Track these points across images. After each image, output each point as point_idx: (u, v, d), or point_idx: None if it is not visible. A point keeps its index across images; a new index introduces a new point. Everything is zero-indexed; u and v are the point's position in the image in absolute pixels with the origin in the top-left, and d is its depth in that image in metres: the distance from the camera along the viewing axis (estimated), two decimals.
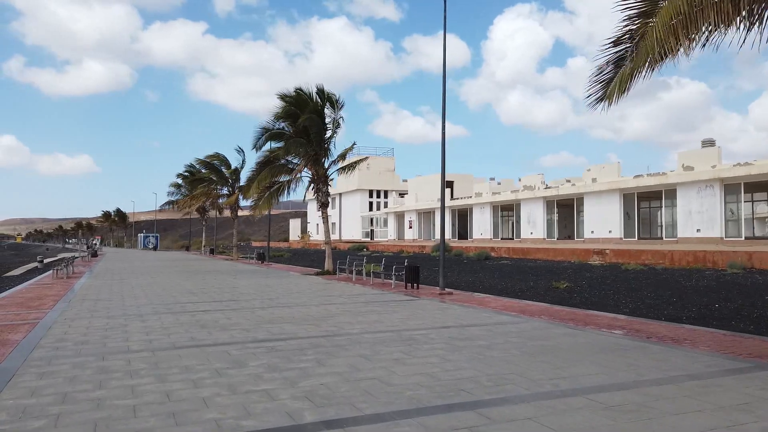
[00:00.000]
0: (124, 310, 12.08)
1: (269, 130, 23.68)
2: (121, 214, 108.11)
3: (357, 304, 12.91)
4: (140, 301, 13.81)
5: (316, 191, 24.09)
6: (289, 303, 13.32)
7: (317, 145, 23.29)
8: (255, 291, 16.29)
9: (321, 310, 11.85)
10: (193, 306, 12.83)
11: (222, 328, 9.57)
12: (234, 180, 42.05)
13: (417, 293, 15.44)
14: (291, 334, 9.02)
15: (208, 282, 19.78)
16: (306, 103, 22.73)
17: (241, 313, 11.60)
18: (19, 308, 12.59)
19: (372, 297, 14.54)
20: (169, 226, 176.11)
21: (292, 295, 15.23)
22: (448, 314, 11.17)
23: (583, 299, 13.82)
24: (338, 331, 9.20)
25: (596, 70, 7.47)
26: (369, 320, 10.40)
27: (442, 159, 15.56)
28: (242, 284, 18.70)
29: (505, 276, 20.63)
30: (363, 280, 19.97)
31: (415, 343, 8.09)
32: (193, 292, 15.97)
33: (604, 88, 7.35)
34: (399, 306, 12.57)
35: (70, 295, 15.49)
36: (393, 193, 59.45)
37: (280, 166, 24.10)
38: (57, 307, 12.69)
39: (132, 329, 9.55)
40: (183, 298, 14.58)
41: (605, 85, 7.35)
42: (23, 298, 14.68)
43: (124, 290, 16.77)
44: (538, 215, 36.76)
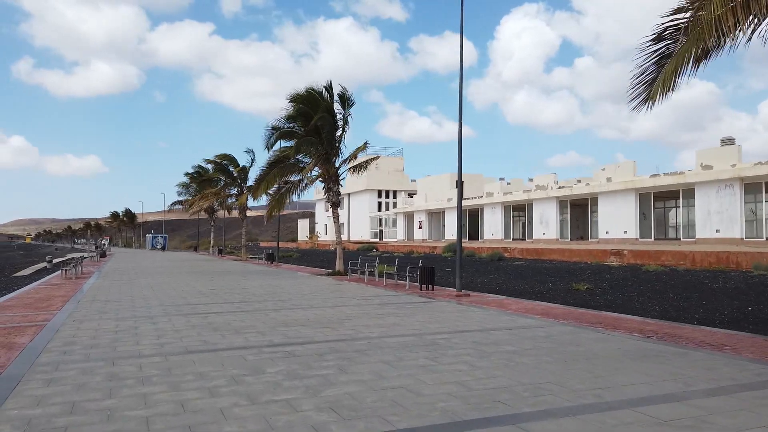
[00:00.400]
0: (134, 312, 11.76)
1: (280, 129, 23.35)
2: (130, 215, 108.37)
3: (372, 306, 12.52)
4: (150, 303, 13.49)
5: (326, 191, 23.73)
6: (303, 305, 12.95)
7: (328, 144, 22.93)
8: (266, 292, 15.94)
9: (336, 313, 11.47)
10: (205, 308, 12.49)
11: (236, 332, 9.21)
12: (243, 180, 41.79)
13: (432, 295, 15.04)
14: (308, 337, 8.64)
15: (218, 283, 19.46)
16: (317, 101, 22.37)
17: (255, 315, 11.23)
18: (27, 309, 12.29)
19: (387, 299, 14.15)
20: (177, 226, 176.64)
21: (305, 296, 14.87)
22: (469, 317, 10.75)
23: (606, 302, 13.35)
24: (357, 335, 8.81)
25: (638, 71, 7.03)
26: (387, 323, 10.00)
27: (458, 157, 15.14)
28: (253, 285, 18.36)
29: (522, 277, 20.17)
30: (375, 281, 19.57)
31: (440, 348, 7.69)
32: (204, 294, 15.64)
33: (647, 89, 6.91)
34: (416, 308, 12.16)
35: (79, 295, 15.21)
36: (402, 193, 59.02)
37: (290, 166, 23.76)
38: (65, 309, 12.38)
39: (143, 332, 9.20)
40: (193, 299, 14.25)
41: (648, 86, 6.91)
42: (31, 299, 14.40)
43: (133, 291, 16.47)
44: (551, 215, 36.22)
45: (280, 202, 23.69)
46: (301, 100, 22.46)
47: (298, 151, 22.36)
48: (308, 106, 22.46)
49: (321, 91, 22.46)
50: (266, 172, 23.74)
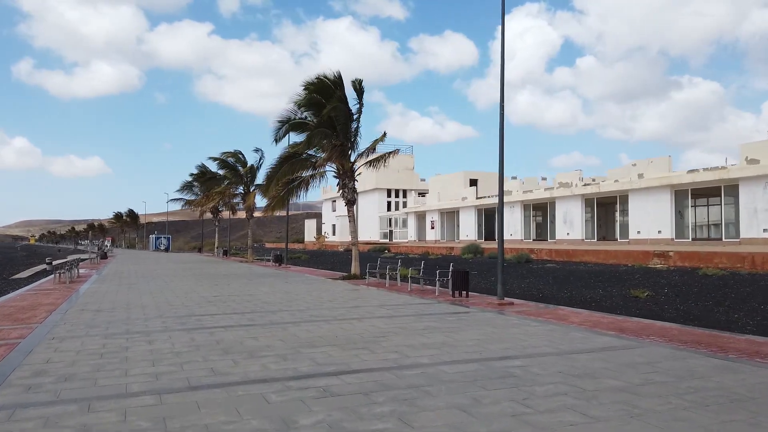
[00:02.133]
0: (128, 326, 9.95)
1: (290, 120, 21.54)
2: (133, 215, 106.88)
3: (407, 318, 10.68)
4: (148, 313, 11.69)
5: (341, 187, 21.90)
6: (325, 316, 11.12)
7: (343, 136, 21.11)
8: (280, 300, 14.12)
9: (367, 327, 9.63)
10: (211, 320, 10.67)
11: (250, 355, 7.38)
12: (250, 179, 40.02)
13: (468, 302, 13.20)
14: (342, 364, 6.81)
15: (225, 288, 17.66)
16: (329, 90, 20.56)
17: (270, 330, 9.40)
18: (3, 322, 10.50)
19: (419, 308, 12.31)
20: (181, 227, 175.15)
21: (324, 304, 13.04)
22: (530, 333, 8.89)
23: (678, 312, 11.47)
24: (403, 360, 6.98)
25: None
26: (435, 342, 8.16)
27: (500, 147, 13.27)
28: (263, 291, 16.55)
29: (562, 282, 18.26)
30: (398, 285, 17.75)
31: (521, 384, 5.84)
32: (210, 301, 13.83)
33: None
34: (459, 321, 10.31)
35: (68, 304, 13.42)
36: (412, 192, 57.13)
37: (302, 161, 21.94)
38: (48, 321, 10.59)
39: (134, 355, 7.38)
40: (198, 308, 12.44)
41: None
42: (14, 308, 12.62)
43: (131, 298, 14.68)
44: (576, 214, 34.24)
45: (285, 198, 21.83)
46: (314, 89, 20.65)
47: (310, 144, 20.52)
48: (321, 95, 20.66)
49: (333, 78, 20.63)
50: (276, 169, 21.90)
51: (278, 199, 22.13)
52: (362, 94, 20.60)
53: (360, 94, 20.57)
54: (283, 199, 21.87)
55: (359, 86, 20.44)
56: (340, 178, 21.77)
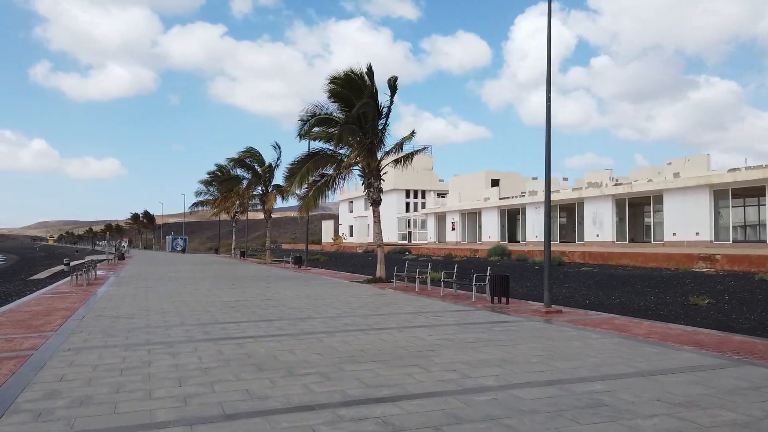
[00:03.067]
0: (149, 335, 9.15)
1: (315, 115, 20.70)
2: (149, 216, 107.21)
3: (451, 328, 9.75)
4: (169, 319, 10.90)
5: (366, 187, 21.02)
6: (359, 324, 10.24)
7: (372, 134, 20.24)
8: (307, 305, 13.27)
9: (410, 338, 8.72)
10: (237, 328, 9.84)
11: (289, 372, 6.51)
12: (268, 178, 39.34)
13: (509, 309, 12.24)
14: (396, 385, 5.91)
15: (247, 291, 16.87)
16: (358, 85, 19.69)
17: (304, 341, 8.54)
18: (16, 329, 9.77)
19: (458, 315, 11.38)
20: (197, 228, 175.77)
21: (356, 311, 12.16)
22: (595, 348, 7.91)
23: (750, 323, 10.40)
24: (465, 382, 6.06)
25: None
26: (492, 358, 7.23)
27: (546, 141, 12.29)
28: (288, 295, 15.72)
29: (605, 287, 17.16)
30: (428, 290, 16.83)
31: (619, 416, 4.88)
32: (233, 306, 13.02)
33: None
34: (508, 332, 9.36)
35: (85, 309, 12.70)
36: (431, 193, 56.04)
37: (327, 157, 21.10)
38: (64, 329, 9.84)
39: (157, 372, 6.56)
40: (222, 314, 11.63)
41: None
42: (28, 313, 11.92)
43: (150, 302, 13.94)
44: (606, 215, 32.98)
45: (315, 197, 20.97)
46: (341, 83, 19.78)
47: (340, 140, 19.66)
48: (349, 90, 19.79)
49: (361, 74, 19.76)
50: (300, 165, 21.07)
51: (309, 198, 21.28)
52: (395, 91, 19.73)
53: (393, 92, 19.69)
54: (314, 197, 21.01)
55: (393, 83, 19.54)
56: (366, 177, 20.89)
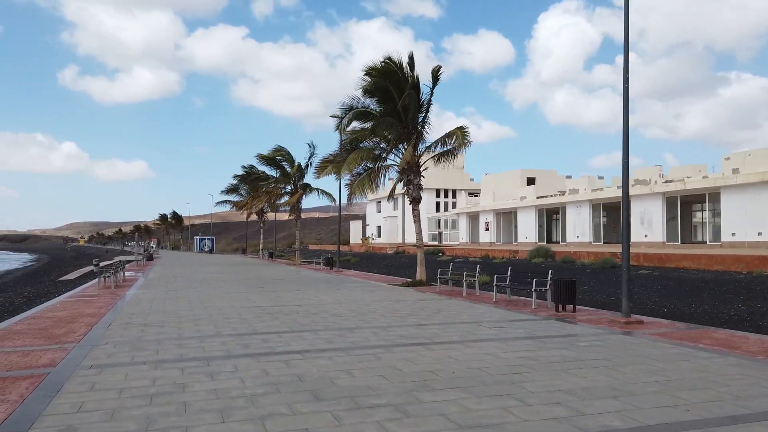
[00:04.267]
0: (182, 348, 8.04)
1: (353, 108, 19.54)
2: (177, 217, 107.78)
3: (523, 342, 8.43)
4: (203, 328, 9.80)
5: (405, 184, 19.75)
6: (416, 336, 8.97)
7: (412, 128, 18.99)
8: (351, 312, 12.06)
9: (482, 356, 7.43)
10: (279, 340, 8.67)
11: (353, 403, 5.28)
12: (298, 178, 38.37)
13: (578, 319, 10.85)
14: (495, 427, 4.62)
15: (282, 295, 15.77)
16: (397, 75, 18.45)
17: (360, 358, 7.31)
18: (36, 339, 8.78)
19: (525, 326, 10.04)
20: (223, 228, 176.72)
21: (406, 319, 10.90)
22: (718, 373, 6.50)
23: None
24: (581, 421, 4.75)
25: None
26: (598, 386, 5.89)
27: (624, 129, 10.85)
28: (326, 300, 14.55)
29: (678, 293, 15.52)
30: (476, 295, 15.49)
31: None
32: (270, 313, 11.89)
33: None
34: (594, 348, 7.99)
35: (112, 315, 11.71)
36: (462, 192, 54.51)
37: (367, 151, 19.91)
38: (88, 339, 8.81)
39: (194, 400, 5.39)
40: (259, 322, 10.50)
41: None
42: (51, 320, 10.97)
43: (180, 308, 12.91)
44: (656, 214, 31.03)
45: (363, 184, 19.84)
46: (379, 74, 18.55)
47: (374, 133, 18.44)
48: (387, 81, 18.55)
49: (401, 63, 18.50)
50: (343, 155, 19.98)
51: (355, 187, 20.19)
52: (437, 82, 18.47)
53: (435, 82, 18.43)
54: (360, 187, 19.89)
55: (437, 73, 18.27)
56: (405, 173, 19.63)
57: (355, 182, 20.49)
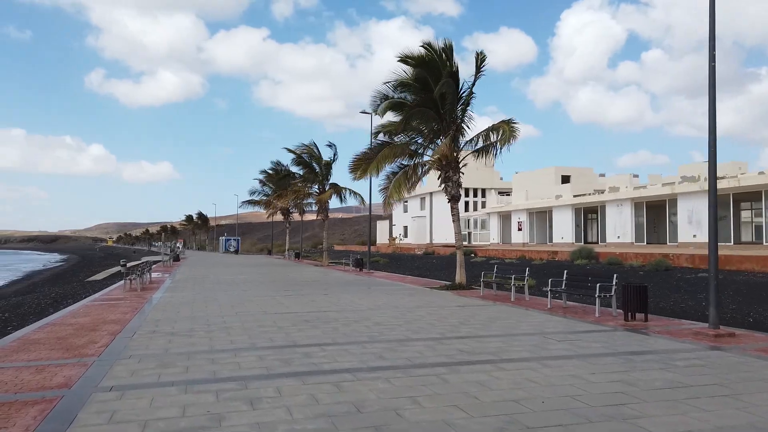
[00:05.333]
0: (214, 365, 7.03)
1: (387, 99, 18.44)
2: (203, 218, 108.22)
3: (607, 360, 7.21)
4: (236, 339, 8.80)
5: (444, 181, 18.59)
6: (479, 351, 7.82)
7: (450, 120, 17.82)
8: (395, 320, 10.95)
9: (567, 378, 6.25)
10: (323, 354, 7.59)
11: None
12: (325, 176, 37.47)
13: (654, 330, 9.56)
14: None
15: (316, 299, 14.74)
16: (435, 63, 17.30)
17: (422, 380, 6.19)
18: (53, 351, 7.87)
19: (598, 339, 8.81)
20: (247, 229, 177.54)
21: (459, 329, 9.75)
22: None
23: None
24: None
25: None
26: (733, 423, 4.69)
27: (710, 116, 9.52)
28: (365, 306, 13.48)
29: (754, 300, 14.04)
30: (526, 300, 14.25)
31: None
32: (308, 320, 10.85)
33: None
34: (700, 370, 6.73)
35: (137, 321, 10.81)
36: (492, 191, 53.00)
37: (401, 146, 18.78)
38: (110, 351, 7.87)
39: None
40: (298, 332, 9.46)
41: None
42: (72, 327, 10.11)
43: (210, 314, 11.96)
44: (705, 213, 29.18)
45: (396, 189, 18.66)
46: (416, 62, 17.43)
47: (407, 126, 17.27)
48: (425, 70, 17.41)
49: (439, 50, 17.34)
50: (375, 152, 18.82)
51: (391, 190, 19.03)
52: (480, 70, 17.25)
53: (478, 70, 17.21)
54: (396, 189, 18.73)
55: (481, 60, 17.05)
56: (443, 170, 18.46)
57: (390, 183, 19.29)
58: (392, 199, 18.75)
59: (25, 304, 18.40)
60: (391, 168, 19.14)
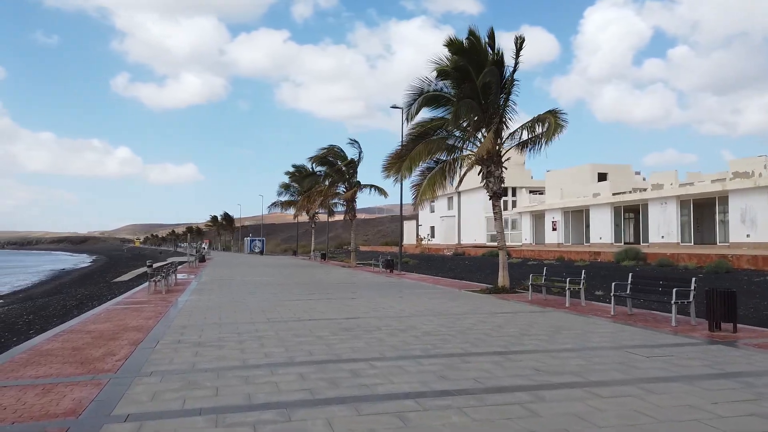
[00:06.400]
0: (249, 384, 5.95)
1: (423, 93, 17.26)
2: (228, 218, 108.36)
3: (719, 385, 5.92)
4: (272, 352, 7.73)
5: (485, 177, 17.32)
6: (558, 371, 6.60)
7: (493, 111, 16.57)
8: (445, 328, 9.76)
9: (682, 411, 5.00)
10: (375, 373, 6.46)
11: None
12: (351, 175, 36.49)
13: (747, 342, 8.20)
14: None
15: (351, 303, 13.65)
16: (478, 52, 16.07)
17: (506, 411, 5.01)
18: (66, 366, 6.91)
19: (689, 354, 7.51)
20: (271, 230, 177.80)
21: (523, 341, 8.53)
22: None
23: None
24: None
25: None
26: None
27: None
28: (406, 311, 12.33)
29: None
30: (582, 305, 12.93)
31: None
32: (347, 329, 9.75)
33: None
34: None
35: (161, 328, 9.84)
36: (522, 190, 51.33)
37: (438, 141, 17.55)
38: (128, 366, 6.87)
39: None
40: (339, 343, 8.35)
41: None
42: (91, 335, 9.18)
43: (239, 319, 10.95)
44: (762, 210, 27.27)
45: (431, 186, 17.44)
46: (458, 50, 16.21)
47: (457, 119, 16.02)
48: (466, 59, 16.18)
49: (481, 38, 16.10)
50: (409, 147, 17.62)
51: (424, 187, 17.82)
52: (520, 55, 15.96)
53: (518, 55, 15.92)
54: (430, 186, 17.52)
55: (520, 45, 15.78)
56: (484, 164, 17.19)
57: (424, 181, 18.06)
58: (425, 196, 17.54)
59: (50, 306, 17.85)
60: (425, 165, 17.94)
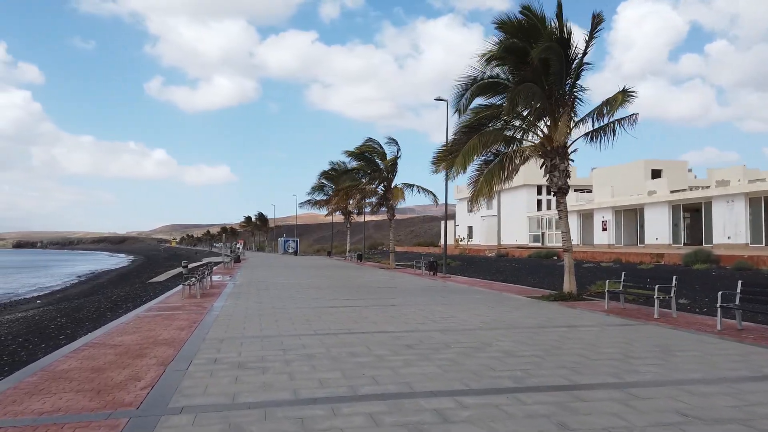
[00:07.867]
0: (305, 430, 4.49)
1: (476, 81, 15.62)
2: (262, 218, 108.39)
3: None
4: (326, 378, 6.28)
5: (549, 171, 15.61)
6: (709, 419, 4.96)
7: (559, 96, 14.83)
8: (527, 348, 8.16)
9: None
10: (468, 417, 4.93)
11: None
12: (390, 173, 35.02)
13: None
14: None
15: (404, 311, 12.14)
16: (536, 30, 14.35)
17: None
18: (79, 396, 5.60)
19: None
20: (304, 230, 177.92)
21: (632, 365, 6.87)
22: None
23: None
24: None
25: None
26: None
27: None
28: (471, 322, 10.76)
29: None
30: (673, 317, 11.13)
31: None
32: (409, 345, 8.24)
33: None
34: None
35: (195, 342, 8.52)
36: None
37: (495, 132, 15.87)
38: (154, 397, 5.52)
39: None
40: (406, 367, 6.84)
41: None
42: (114, 352, 7.91)
43: (282, 331, 9.57)
44: None
45: (488, 182, 15.80)
46: (512, 30, 14.56)
47: (514, 105, 14.34)
48: (523, 40, 14.50)
49: (543, 15, 14.37)
50: (462, 141, 15.97)
51: (481, 183, 16.18)
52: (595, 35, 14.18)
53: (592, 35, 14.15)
54: (487, 182, 15.88)
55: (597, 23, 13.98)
56: (548, 156, 15.48)
57: (481, 176, 16.37)
58: (482, 193, 15.86)
59: (84, 308, 17.07)
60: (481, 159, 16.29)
